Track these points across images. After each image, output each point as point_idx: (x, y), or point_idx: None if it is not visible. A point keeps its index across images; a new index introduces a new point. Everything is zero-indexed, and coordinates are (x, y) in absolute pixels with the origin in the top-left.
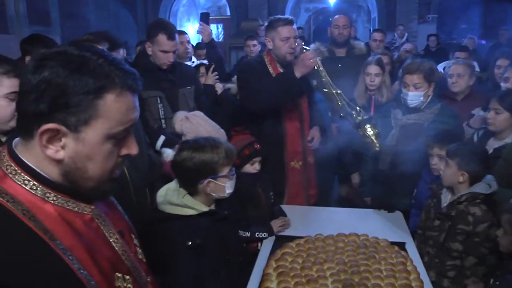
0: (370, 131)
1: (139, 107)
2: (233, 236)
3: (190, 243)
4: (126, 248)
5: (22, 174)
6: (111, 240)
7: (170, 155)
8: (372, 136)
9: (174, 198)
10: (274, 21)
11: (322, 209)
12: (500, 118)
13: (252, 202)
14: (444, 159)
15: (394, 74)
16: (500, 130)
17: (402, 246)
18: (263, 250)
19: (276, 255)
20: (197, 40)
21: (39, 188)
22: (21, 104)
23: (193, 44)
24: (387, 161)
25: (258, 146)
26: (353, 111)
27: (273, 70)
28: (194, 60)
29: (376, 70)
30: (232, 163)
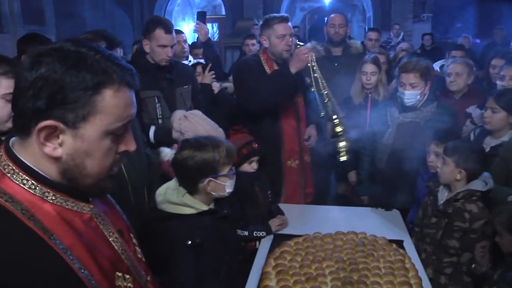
0: (343, 145)
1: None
2: (232, 235)
3: (190, 242)
4: (125, 247)
5: (20, 173)
6: (110, 239)
7: (168, 154)
8: (342, 149)
9: (174, 197)
10: (269, 19)
11: (320, 207)
12: (496, 117)
13: (250, 201)
14: (440, 156)
15: (391, 73)
16: (496, 128)
17: (400, 244)
18: (262, 249)
19: (275, 253)
20: (192, 39)
21: (37, 188)
22: (17, 101)
23: (189, 44)
24: (384, 159)
25: (256, 145)
26: (334, 116)
27: (269, 69)
28: (191, 59)
29: (372, 69)
30: (233, 163)
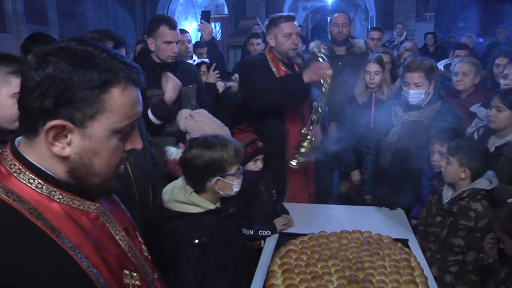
0: (304, 148)
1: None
2: (237, 234)
3: (197, 241)
4: (132, 245)
5: (26, 172)
6: (117, 238)
7: (174, 153)
8: (301, 149)
9: (181, 195)
10: (276, 18)
11: (324, 206)
12: (501, 116)
13: (255, 200)
14: (445, 156)
15: (394, 72)
16: (501, 127)
17: (405, 242)
18: (267, 248)
19: (281, 252)
20: (195, 39)
21: (44, 187)
22: (24, 101)
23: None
24: (389, 158)
25: (261, 144)
26: (309, 135)
27: (275, 68)
28: (195, 59)
29: (376, 68)
30: (240, 162)
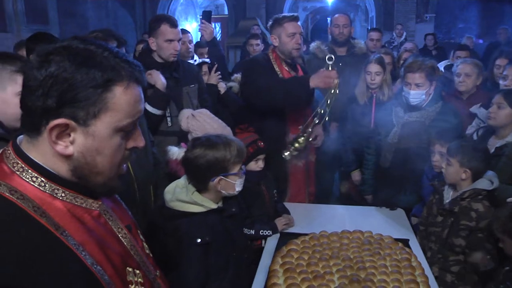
0: (299, 143)
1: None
2: (239, 233)
3: (199, 240)
4: (134, 242)
5: (29, 171)
6: (119, 235)
7: (176, 153)
8: (296, 144)
9: (183, 195)
10: (280, 18)
11: (325, 206)
12: (501, 113)
13: (256, 199)
14: (445, 156)
15: (395, 73)
16: (500, 125)
17: (406, 242)
18: (268, 247)
19: (282, 251)
20: (195, 39)
21: (47, 185)
22: (26, 100)
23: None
24: (389, 158)
25: (262, 144)
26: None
27: (278, 68)
28: (196, 59)
29: (377, 69)
30: (242, 161)
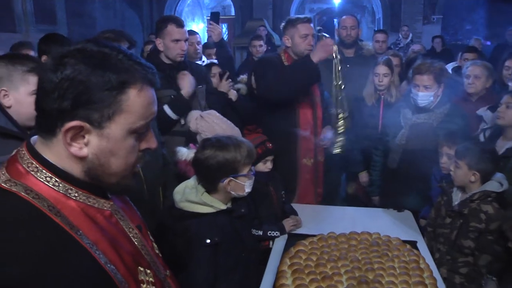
0: (340, 139)
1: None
2: (248, 234)
3: (209, 241)
4: (144, 242)
5: (43, 171)
6: (130, 235)
7: (185, 154)
8: (338, 143)
9: (193, 196)
10: (293, 19)
11: (332, 207)
12: (510, 113)
13: (264, 200)
14: (453, 158)
15: (403, 75)
16: (508, 124)
17: (414, 244)
18: (276, 248)
19: (290, 252)
20: (203, 40)
21: (61, 185)
22: (41, 102)
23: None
24: (397, 160)
25: (271, 145)
26: (340, 113)
27: None
28: (204, 60)
29: (385, 71)
30: (252, 162)
